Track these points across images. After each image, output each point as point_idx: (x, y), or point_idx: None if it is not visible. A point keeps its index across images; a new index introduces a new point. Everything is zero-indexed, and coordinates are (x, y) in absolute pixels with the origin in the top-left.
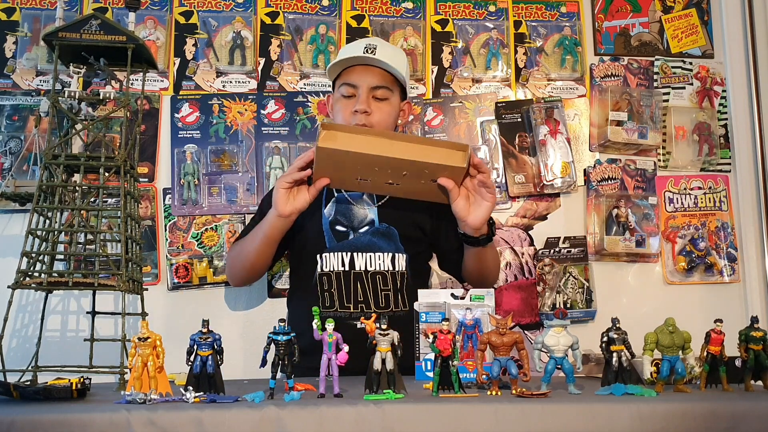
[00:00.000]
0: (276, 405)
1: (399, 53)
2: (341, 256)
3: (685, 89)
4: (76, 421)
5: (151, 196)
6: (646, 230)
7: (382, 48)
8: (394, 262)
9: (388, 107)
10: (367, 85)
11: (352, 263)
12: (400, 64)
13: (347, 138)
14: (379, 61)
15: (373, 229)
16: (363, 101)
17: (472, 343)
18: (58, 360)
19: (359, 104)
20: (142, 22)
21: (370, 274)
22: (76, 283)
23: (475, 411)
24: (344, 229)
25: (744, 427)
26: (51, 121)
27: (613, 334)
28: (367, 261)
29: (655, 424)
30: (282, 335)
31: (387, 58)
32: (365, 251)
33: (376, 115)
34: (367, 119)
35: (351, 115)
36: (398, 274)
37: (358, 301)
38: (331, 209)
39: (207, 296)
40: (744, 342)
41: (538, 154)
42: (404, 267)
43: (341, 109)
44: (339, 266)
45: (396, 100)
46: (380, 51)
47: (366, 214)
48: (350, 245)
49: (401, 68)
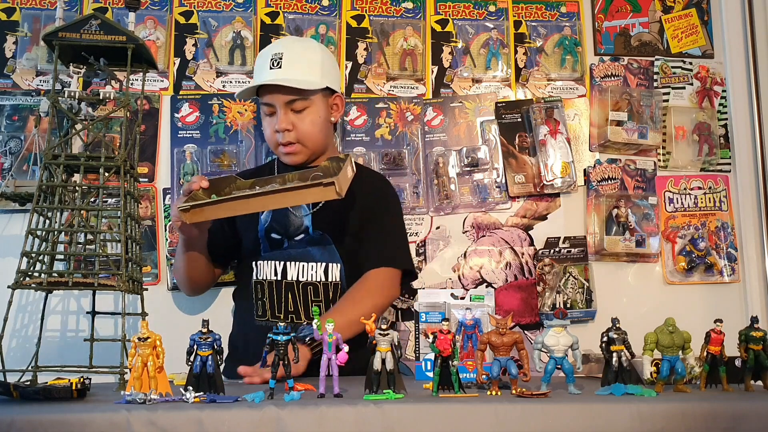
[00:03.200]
0: (276, 405)
1: (310, 52)
2: (274, 265)
3: (685, 89)
4: (76, 421)
5: (151, 196)
6: (646, 230)
7: (289, 56)
8: (327, 272)
9: (311, 115)
10: (281, 102)
11: (284, 273)
12: (312, 64)
13: (213, 209)
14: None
15: (307, 237)
16: (281, 120)
17: (472, 343)
18: (58, 360)
19: (279, 124)
20: (142, 22)
21: (302, 285)
22: (76, 283)
23: (475, 411)
24: (279, 237)
25: (744, 427)
26: (51, 121)
27: (613, 334)
28: (299, 271)
29: (655, 424)
30: (282, 335)
31: (292, 68)
32: (298, 260)
33: (300, 128)
34: (290, 136)
35: (275, 133)
36: (331, 285)
37: (289, 311)
38: (267, 216)
39: (207, 296)
40: (744, 342)
41: (538, 154)
42: (338, 277)
43: (266, 127)
44: (272, 275)
45: (319, 104)
46: (286, 61)
47: (301, 222)
48: (284, 254)
49: (312, 70)
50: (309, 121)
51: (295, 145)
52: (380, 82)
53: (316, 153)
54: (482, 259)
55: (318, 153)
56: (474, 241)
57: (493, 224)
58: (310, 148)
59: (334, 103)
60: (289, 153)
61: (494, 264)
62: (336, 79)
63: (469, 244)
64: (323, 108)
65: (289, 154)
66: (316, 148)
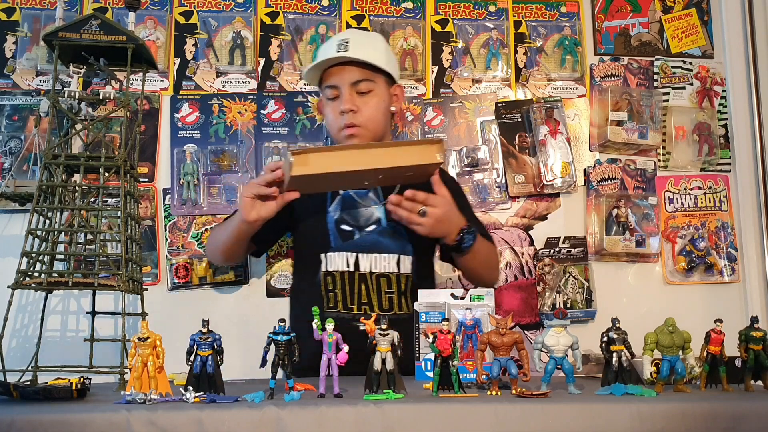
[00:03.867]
0: (276, 405)
1: (375, 41)
2: (346, 256)
3: (685, 89)
4: (76, 421)
5: (151, 196)
6: (646, 230)
7: (355, 40)
8: (400, 264)
9: (375, 99)
10: (346, 82)
11: (357, 264)
12: (377, 51)
13: (319, 159)
14: (351, 57)
15: (379, 228)
16: (347, 100)
17: (472, 343)
18: (58, 360)
19: (344, 104)
20: (142, 22)
21: (375, 276)
22: (76, 283)
23: (475, 411)
24: (350, 229)
25: (744, 427)
26: (51, 121)
27: (613, 334)
28: (372, 262)
29: (655, 424)
30: (282, 335)
31: (360, 50)
32: (370, 252)
33: (364, 110)
34: (355, 117)
35: (339, 116)
36: (403, 277)
37: (362, 302)
38: (337, 208)
39: (207, 296)
40: (744, 342)
41: (538, 154)
42: (410, 270)
43: (329, 112)
44: (344, 266)
45: (382, 89)
46: (353, 44)
47: (372, 213)
48: (355, 245)
49: (379, 55)
50: (373, 105)
51: (357, 127)
52: None
53: (376, 139)
54: None
55: (378, 139)
56: None
57: (493, 224)
58: (371, 131)
59: (395, 93)
60: (351, 135)
61: None
62: (397, 72)
63: None
64: (386, 94)
65: (351, 137)
66: (376, 133)
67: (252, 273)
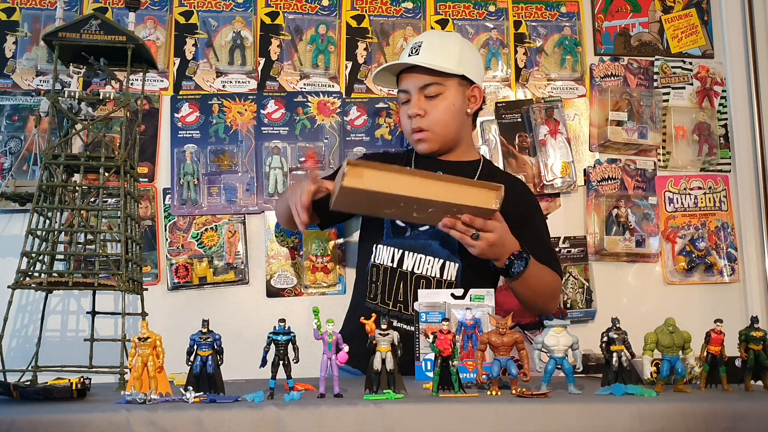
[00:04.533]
0: (276, 405)
1: (449, 42)
2: (392, 251)
3: (685, 89)
4: (76, 421)
5: (151, 196)
6: (646, 230)
7: (429, 42)
8: (444, 269)
9: (444, 102)
10: (415, 87)
11: (401, 261)
12: (450, 53)
13: (373, 176)
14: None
15: (431, 230)
16: (414, 104)
17: (472, 343)
18: (58, 360)
19: (411, 108)
20: (142, 22)
21: (416, 277)
22: (76, 283)
23: (475, 411)
24: (403, 225)
25: (744, 427)
26: (51, 121)
27: (613, 334)
28: (416, 262)
29: (655, 424)
30: (282, 335)
31: (430, 54)
32: (417, 252)
33: (432, 114)
34: (422, 122)
35: (408, 120)
36: (445, 283)
37: (398, 300)
38: None
39: (207, 296)
40: (744, 342)
41: (538, 154)
42: (453, 276)
43: (402, 115)
44: (388, 261)
45: (453, 92)
46: (425, 47)
47: None
48: (404, 243)
49: (449, 58)
50: (442, 108)
51: (425, 132)
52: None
53: (448, 143)
54: None
55: (451, 143)
56: None
57: None
58: (440, 135)
59: (472, 95)
60: (420, 140)
61: None
62: (476, 72)
63: None
64: (458, 97)
65: (420, 141)
66: (447, 136)
67: (252, 273)
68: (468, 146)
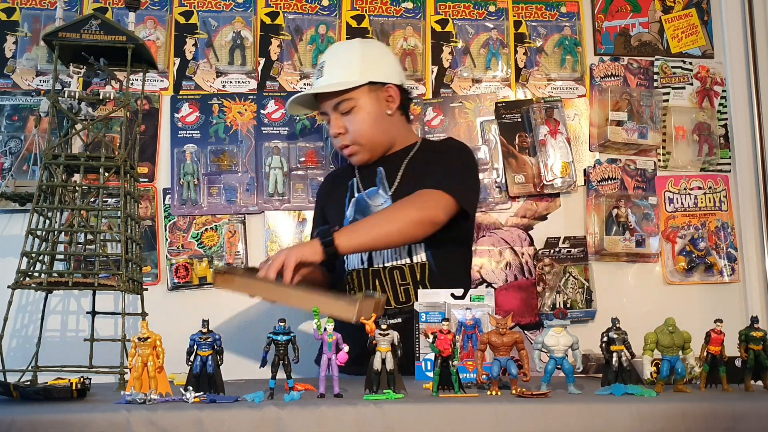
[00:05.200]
0: (276, 405)
1: (349, 54)
2: (360, 254)
3: (685, 89)
4: (76, 421)
5: (151, 196)
6: (646, 230)
7: (329, 61)
8: (411, 253)
9: (360, 114)
10: (329, 107)
11: (370, 260)
12: (350, 66)
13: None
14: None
15: None
16: (333, 125)
17: (472, 343)
18: (58, 360)
19: (331, 129)
20: (142, 22)
21: (388, 270)
22: (76, 283)
23: (475, 411)
24: None
25: (744, 427)
26: (51, 121)
27: (613, 334)
28: (384, 257)
29: (655, 424)
30: (282, 335)
31: (332, 72)
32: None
33: (352, 128)
34: (345, 139)
35: (334, 140)
36: (417, 266)
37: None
38: (352, 210)
39: (207, 296)
40: (744, 342)
41: (538, 154)
42: (424, 257)
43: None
44: (359, 264)
45: (366, 100)
46: (327, 67)
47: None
48: None
49: (350, 71)
50: (359, 120)
51: (351, 146)
52: None
53: (378, 147)
54: (482, 259)
55: (381, 146)
56: (474, 241)
57: (493, 224)
58: (367, 144)
59: (388, 95)
60: (350, 155)
61: (494, 264)
62: (385, 72)
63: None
64: (372, 103)
65: (351, 156)
66: (374, 143)
67: None
68: (405, 138)
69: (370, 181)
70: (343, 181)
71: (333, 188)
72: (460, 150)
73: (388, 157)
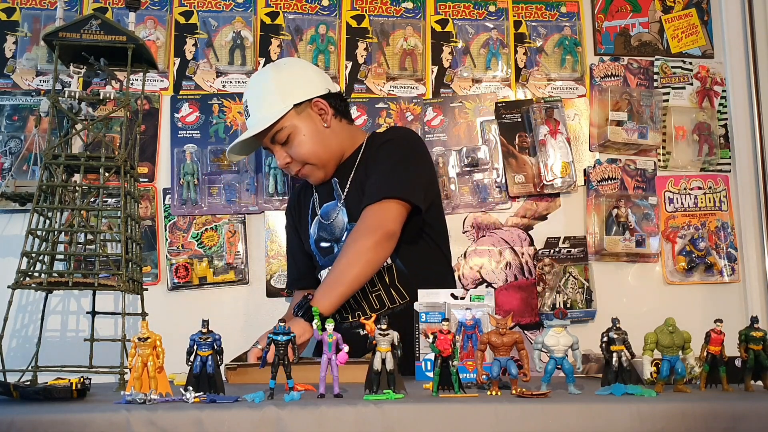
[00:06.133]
0: (276, 405)
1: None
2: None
3: (685, 89)
4: (76, 421)
5: (151, 196)
6: (646, 230)
7: (250, 100)
8: None
9: (298, 137)
10: (268, 142)
11: None
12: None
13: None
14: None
15: (349, 230)
16: (277, 157)
17: (472, 343)
18: (58, 360)
19: (277, 161)
20: (142, 22)
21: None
22: (76, 283)
23: (475, 411)
24: (328, 245)
25: (744, 427)
26: (51, 121)
27: (613, 334)
28: None
29: (655, 424)
30: (282, 335)
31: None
32: None
33: (296, 154)
34: (294, 166)
35: (285, 170)
36: (385, 270)
37: (353, 309)
38: (315, 228)
39: (207, 296)
40: (744, 342)
41: (538, 154)
42: (389, 260)
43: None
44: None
45: (298, 124)
46: (249, 106)
47: (343, 223)
48: (334, 258)
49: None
50: (298, 143)
51: (302, 169)
52: (380, 82)
53: (329, 163)
54: (482, 259)
55: (332, 161)
56: (474, 241)
57: (493, 224)
58: (318, 163)
59: (318, 109)
60: (304, 177)
61: (494, 264)
62: (306, 89)
63: (469, 244)
64: (306, 123)
65: (307, 177)
66: (323, 160)
67: (252, 273)
68: (352, 141)
69: (329, 195)
70: (306, 200)
71: (300, 207)
72: (400, 140)
73: (342, 165)
